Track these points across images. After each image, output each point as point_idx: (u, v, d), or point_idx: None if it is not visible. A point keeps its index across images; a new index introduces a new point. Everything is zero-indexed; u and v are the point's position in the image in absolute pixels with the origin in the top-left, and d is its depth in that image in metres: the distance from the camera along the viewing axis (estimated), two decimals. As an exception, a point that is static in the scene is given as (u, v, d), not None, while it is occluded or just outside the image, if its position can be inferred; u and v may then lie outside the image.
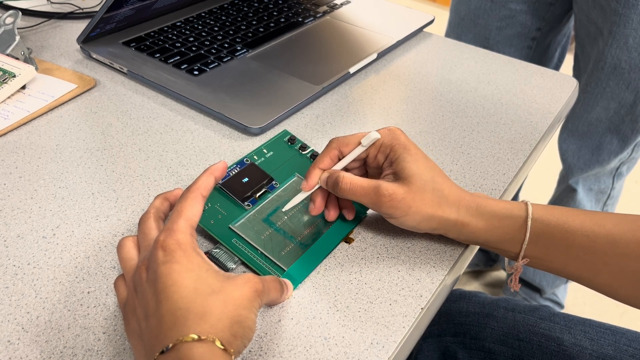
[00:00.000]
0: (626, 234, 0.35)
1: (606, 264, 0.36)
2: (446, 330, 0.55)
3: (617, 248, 0.35)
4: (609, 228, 0.36)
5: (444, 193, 0.38)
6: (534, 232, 0.37)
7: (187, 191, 0.34)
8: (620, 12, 0.76)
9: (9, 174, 0.45)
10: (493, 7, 0.92)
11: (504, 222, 0.38)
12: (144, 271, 0.31)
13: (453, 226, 0.38)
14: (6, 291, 0.36)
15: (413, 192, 0.37)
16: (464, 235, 0.39)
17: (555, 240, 0.37)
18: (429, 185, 0.38)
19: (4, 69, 0.54)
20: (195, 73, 0.58)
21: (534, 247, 0.37)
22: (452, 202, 0.38)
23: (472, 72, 0.64)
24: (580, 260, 0.37)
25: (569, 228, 0.36)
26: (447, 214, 0.38)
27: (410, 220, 0.38)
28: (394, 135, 0.40)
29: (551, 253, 0.37)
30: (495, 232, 0.38)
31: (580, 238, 0.36)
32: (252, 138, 0.51)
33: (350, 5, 0.76)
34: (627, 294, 0.37)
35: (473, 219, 0.38)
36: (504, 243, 0.38)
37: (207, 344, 0.27)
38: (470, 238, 0.39)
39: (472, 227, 0.38)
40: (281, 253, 0.38)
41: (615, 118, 0.88)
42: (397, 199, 0.37)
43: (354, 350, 0.33)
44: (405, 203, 0.37)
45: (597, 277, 0.37)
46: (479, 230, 0.38)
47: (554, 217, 0.37)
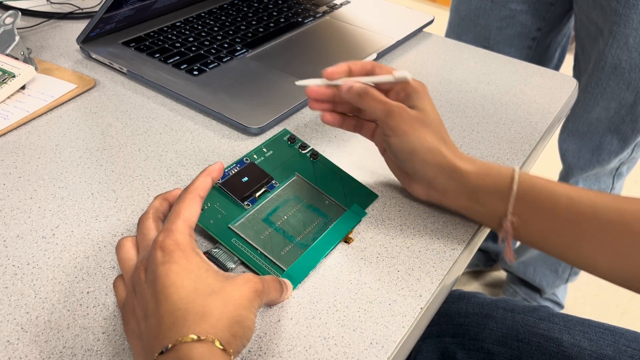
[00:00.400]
0: (608, 203, 0.36)
1: (588, 228, 0.37)
2: (445, 331, 0.55)
3: (598, 214, 0.36)
4: (591, 196, 0.37)
5: (445, 138, 0.40)
6: (521, 187, 0.38)
7: (185, 192, 0.34)
8: (620, 12, 0.76)
9: (9, 174, 0.45)
10: (493, 7, 0.92)
11: (493, 171, 0.39)
12: (142, 271, 0.31)
13: (447, 164, 0.39)
14: (5, 291, 0.36)
15: (421, 120, 0.39)
16: (454, 181, 0.40)
17: (540, 198, 0.38)
18: (435, 126, 0.40)
19: (4, 69, 0.54)
20: (194, 73, 0.58)
21: (521, 202, 0.38)
22: (450, 147, 0.40)
23: (472, 72, 0.64)
24: (563, 222, 0.37)
25: (554, 190, 0.38)
26: (442, 150, 0.39)
27: (410, 141, 0.39)
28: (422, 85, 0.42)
29: (537, 212, 0.38)
30: (484, 180, 0.39)
31: (565, 200, 0.37)
32: (251, 138, 0.51)
33: (350, 6, 0.76)
34: (606, 266, 0.37)
35: (464, 163, 0.40)
36: (492, 195, 0.39)
37: (206, 344, 0.27)
38: (460, 185, 0.40)
39: (463, 171, 0.39)
40: (281, 253, 0.38)
41: (615, 118, 0.88)
42: (407, 114, 0.39)
43: (354, 350, 0.33)
44: (412, 123, 0.39)
45: (579, 245, 0.37)
46: (469, 173, 0.39)
47: (539, 180, 0.39)
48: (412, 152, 0.39)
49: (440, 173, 0.39)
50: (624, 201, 0.36)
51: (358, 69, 0.42)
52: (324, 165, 0.46)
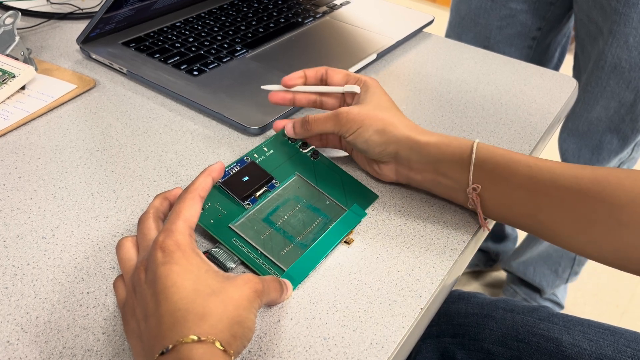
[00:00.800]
0: (565, 171, 0.37)
1: (547, 195, 0.37)
2: (445, 331, 0.55)
3: (556, 182, 0.37)
4: (549, 165, 0.38)
5: (399, 117, 0.43)
6: (479, 156, 0.39)
7: (185, 192, 0.34)
8: (620, 11, 0.76)
9: (9, 174, 0.45)
10: (494, 7, 0.92)
11: (453, 142, 0.41)
12: (143, 272, 0.31)
13: (405, 142, 0.41)
14: (5, 291, 0.36)
15: (367, 110, 0.42)
16: (416, 154, 0.41)
17: (499, 166, 0.39)
18: (384, 109, 0.43)
19: (4, 69, 0.54)
20: (194, 73, 0.58)
21: (481, 172, 0.39)
22: (405, 123, 0.43)
23: (472, 72, 0.64)
24: (523, 189, 0.38)
25: (512, 157, 0.39)
26: (398, 129, 0.42)
27: (363, 132, 0.42)
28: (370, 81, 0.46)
29: (496, 181, 0.39)
30: (445, 151, 0.40)
31: (523, 167, 0.38)
32: (251, 138, 0.51)
33: (350, 6, 0.76)
34: (568, 235, 0.37)
35: (424, 136, 0.42)
36: (453, 165, 0.40)
37: (207, 345, 0.27)
38: (421, 156, 0.41)
39: (423, 142, 0.41)
40: (281, 253, 0.38)
41: (615, 117, 0.88)
42: (352, 113, 0.42)
43: (354, 351, 0.33)
44: (359, 117, 0.42)
45: (539, 213, 0.38)
46: (428, 145, 0.41)
47: (499, 149, 0.40)
48: (367, 139, 0.42)
49: (400, 147, 0.42)
50: (581, 169, 0.37)
51: (312, 76, 0.47)
52: (325, 165, 0.46)
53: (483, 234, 0.44)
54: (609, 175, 0.36)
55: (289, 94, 0.48)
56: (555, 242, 0.39)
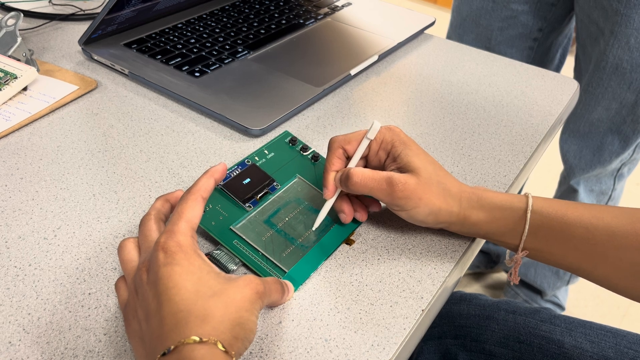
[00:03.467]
0: (624, 227, 0.36)
1: (604, 255, 0.36)
2: (447, 332, 0.55)
3: (615, 240, 0.36)
4: (607, 220, 0.36)
5: (447, 186, 0.39)
6: (533, 223, 0.38)
7: (187, 193, 0.34)
8: (621, 12, 0.76)
9: (11, 175, 0.45)
10: (495, 8, 0.92)
11: (504, 213, 0.38)
12: (144, 273, 0.31)
13: (456, 218, 0.39)
14: (7, 292, 0.36)
15: (422, 183, 0.38)
16: (466, 228, 0.39)
17: (554, 232, 0.37)
18: (434, 178, 0.38)
19: (6, 70, 0.54)
20: (196, 75, 0.58)
21: (534, 238, 0.38)
22: (454, 195, 0.39)
23: (473, 74, 0.64)
24: (579, 251, 0.37)
25: (568, 220, 0.37)
26: (451, 206, 0.38)
27: (420, 212, 0.38)
28: (394, 132, 0.40)
29: (550, 245, 0.38)
30: (495, 224, 0.39)
31: (579, 230, 0.37)
32: (253, 140, 0.51)
33: (351, 7, 0.76)
34: (625, 286, 0.37)
35: (474, 211, 0.39)
36: (504, 235, 0.39)
37: (208, 346, 0.27)
38: (472, 230, 0.40)
39: (474, 219, 0.39)
40: (282, 254, 0.38)
41: (616, 118, 0.87)
42: (409, 188, 0.37)
43: (355, 352, 0.33)
44: (416, 194, 0.37)
45: (596, 269, 0.37)
46: (480, 222, 0.39)
47: (553, 209, 0.38)
48: (423, 220, 0.39)
49: (453, 224, 0.39)
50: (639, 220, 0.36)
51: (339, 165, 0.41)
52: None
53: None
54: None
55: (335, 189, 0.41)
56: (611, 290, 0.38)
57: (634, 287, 0.37)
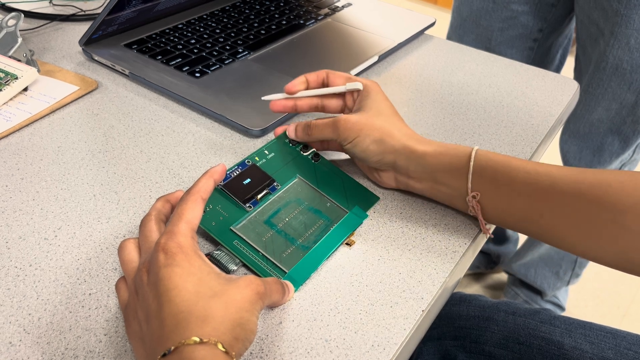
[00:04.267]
0: (565, 175, 0.37)
1: (548, 200, 0.37)
2: (446, 333, 0.55)
3: (556, 186, 0.37)
4: (549, 169, 0.38)
5: (397, 126, 0.43)
6: (478, 163, 0.39)
7: (187, 194, 0.34)
8: (622, 13, 0.76)
9: (11, 175, 0.45)
10: (495, 8, 0.92)
11: (451, 151, 0.41)
12: (145, 274, 0.31)
13: (402, 151, 0.41)
14: (8, 292, 0.36)
15: (365, 118, 0.42)
16: (414, 163, 0.41)
17: (498, 173, 0.39)
18: (384, 116, 0.43)
19: (6, 70, 0.54)
20: (196, 75, 0.58)
21: (480, 179, 0.39)
22: (403, 132, 0.42)
23: (474, 74, 0.65)
24: (523, 196, 0.38)
25: (511, 164, 0.39)
26: (396, 139, 0.42)
27: (361, 141, 0.42)
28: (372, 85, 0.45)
29: (496, 187, 0.39)
30: (442, 159, 0.40)
31: (522, 174, 0.38)
32: (253, 140, 0.51)
33: (352, 8, 0.76)
34: (570, 239, 0.37)
35: (421, 145, 0.41)
36: (451, 173, 0.40)
37: (209, 347, 0.27)
38: (419, 166, 0.41)
39: (420, 152, 0.41)
40: (282, 255, 0.39)
41: (616, 119, 0.87)
42: (351, 121, 0.42)
43: (355, 353, 0.33)
44: (357, 126, 0.42)
45: (541, 218, 0.38)
46: (426, 154, 0.41)
47: (497, 156, 0.40)
48: (365, 149, 0.42)
49: (398, 157, 0.41)
50: (581, 172, 0.37)
51: (313, 80, 0.47)
52: (326, 167, 0.46)
53: (484, 236, 0.44)
54: (610, 179, 0.35)
55: (291, 101, 0.47)
56: (558, 246, 0.39)
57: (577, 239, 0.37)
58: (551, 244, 0.39)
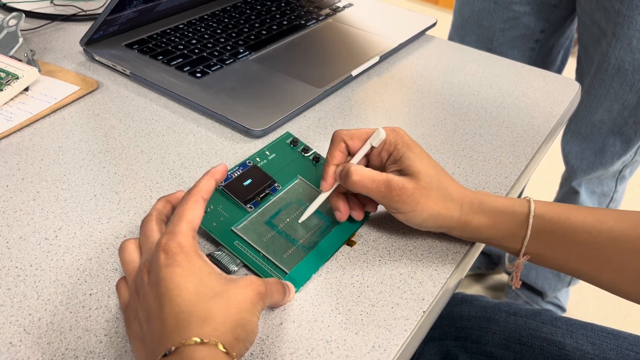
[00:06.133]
0: (628, 230, 0.36)
1: (608, 260, 0.36)
2: (448, 334, 0.54)
3: (618, 244, 0.35)
4: (610, 224, 0.36)
5: (448, 191, 0.38)
6: (535, 228, 0.37)
7: (188, 194, 0.34)
8: (624, 14, 0.76)
9: (12, 175, 0.45)
10: (497, 9, 0.92)
11: (505, 218, 0.38)
12: (145, 274, 0.31)
13: (457, 223, 0.38)
14: (8, 293, 0.36)
15: (421, 188, 0.37)
16: (467, 233, 0.39)
17: (556, 236, 0.37)
18: (435, 183, 0.38)
19: (7, 70, 0.54)
20: (197, 75, 0.58)
21: (536, 243, 0.37)
22: (455, 200, 0.38)
23: (475, 75, 0.64)
24: (582, 256, 0.37)
25: (571, 224, 0.36)
26: (451, 211, 0.38)
27: (417, 216, 0.38)
28: (397, 134, 0.40)
29: (553, 249, 0.37)
30: (497, 229, 0.38)
31: (582, 234, 0.36)
32: (254, 140, 0.51)
33: (353, 8, 0.76)
34: (629, 290, 0.37)
35: (476, 216, 0.38)
36: (506, 239, 0.38)
37: (209, 347, 0.27)
38: (473, 235, 0.39)
39: (475, 224, 0.38)
40: (283, 256, 0.38)
41: (618, 120, 0.87)
42: (406, 193, 0.37)
43: (356, 354, 0.33)
44: (414, 198, 0.37)
45: (600, 273, 0.37)
46: (481, 227, 0.38)
47: (555, 213, 0.37)
48: (421, 223, 0.39)
49: (453, 229, 0.39)
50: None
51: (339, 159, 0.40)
52: (327, 167, 0.46)
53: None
54: None
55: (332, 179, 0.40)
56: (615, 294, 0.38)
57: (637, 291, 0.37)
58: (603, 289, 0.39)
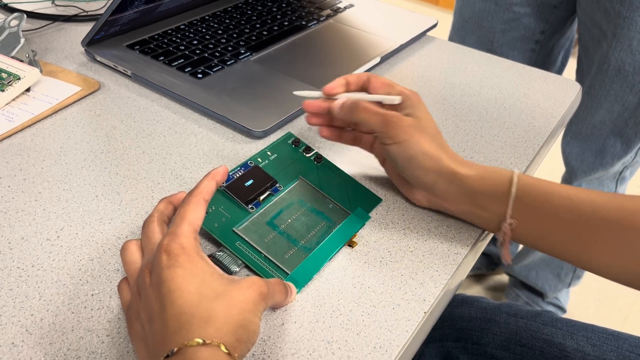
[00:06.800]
0: (607, 202, 0.37)
1: (588, 228, 0.37)
2: (448, 335, 0.55)
3: (598, 212, 0.36)
4: (590, 195, 0.37)
5: (442, 144, 0.41)
6: (520, 189, 0.38)
7: (190, 195, 0.34)
8: (624, 15, 0.76)
9: (13, 176, 0.45)
10: (497, 10, 0.92)
11: (492, 175, 0.40)
12: (147, 275, 0.31)
13: (446, 170, 0.40)
14: (10, 293, 0.36)
15: (417, 126, 0.40)
16: (454, 185, 0.40)
17: (540, 200, 0.38)
18: (432, 132, 0.41)
19: (9, 71, 0.54)
20: (199, 76, 0.58)
21: (520, 205, 0.38)
22: (448, 153, 0.41)
23: (476, 76, 0.64)
24: (564, 223, 0.37)
25: (553, 190, 0.38)
26: (440, 155, 0.40)
27: (409, 148, 0.40)
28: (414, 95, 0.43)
29: (536, 214, 0.38)
30: (483, 183, 0.39)
31: (564, 200, 0.37)
32: (255, 141, 0.51)
33: (354, 9, 0.76)
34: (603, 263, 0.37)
35: (464, 168, 0.40)
36: (491, 198, 0.39)
37: (211, 348, 0.27)
38: (460, 189, 0.40)
39: (463, 174, 0.40)
40: (284, 256, 0.39)
41: (619, 121, 0.87)
42: (404, 122, 0.40)
43: (357, 354, 0.33)
44: (409, 130, 0.40)
45: (579, 245, 0.37)
46: (469, 178, 0.40)
47: (539, 181, 0.39)
48: (411, 157, 0.40)
49: (440, 178, 0.40)
50: (623, 199, 0.36)
51: (354, 82, 0.44)
52: (328, 168, 0.46)
53: (487, 238, 0.44)
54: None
55: (326, 103, 0.43)
56: (589, 270, 0.38)
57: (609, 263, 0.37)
58: (583, 268, 0.39)
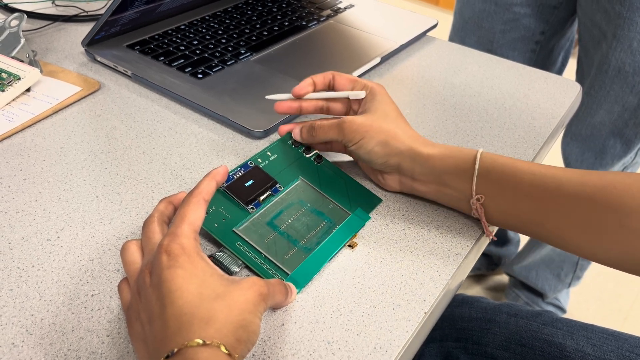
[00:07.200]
0: (570, 177, 0.37)
1: (554, 203, 0.37)
2: (448, 335, 0.55)
3: (562, 188, 0.37)
4: (554, 171, 0.38)
5: (403, 128, 0.43)
6: (483, 166, 0.39)
7: (190, 196, 0.34)
8: (624, 16, 0.76)
9: (14, 176, 0.45)
10: (497, 11, 0.92)
11: (457, 153, 0.41)
12: (147, 275, 0.31)
13: (408, 154, 0.41)
14: (10, 293, 0.36)
15: (371, 120, 0.42)
16: (419, 166, 0.41)
17: (504, 175, 0.39)
18: (389, 119, 0.43)
19: (9, 71, 0.54)
20: (199, 76, 0.58)
21: (485, 181, 0.39)
22: (408, 135, 0.42)
23: (476, 76, 0.65)
24: (529, 198, 0.38)
25: (517, 166, 0.39)
26: (401, 141, 0.42)
27: (367, 143, 0.42)
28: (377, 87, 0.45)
29: (501, 190, 0.39)
30: (447, 162, 0.41)
31: (528, 176, 0.38)
32: (255, 141, 0.51)
33: (354, 10, 0.76)
34: (575, 241, 0.37)
35: (426, 148, 0.41)
36: (456, 176, 0.40)
37: (212, 349, 0.27)
38: (424, 168, 0.41)
39: (426, 155, 0.41)
40: (285, 257, 0.39)
41: (618, 122, 0.87)
42: (356, 123, 0.42)
43: (357, 355, 0.33)
44: (363, 127, 0.42)
45: (545, 220, 0.38)
46: (430, 157, 0.41)
47: (502, 158, 0.40)
48: (370, 151, 0.42)
49: (403, 159, 0.42)
50: (587, 174, 0.37)
51: (320, 82, 0.47)
52: (328, 169, 0.46)
53: (487, 238, 0.44)
54: (615, 181, 0.35)
55: (296, 103, 0.47)
56: (562, 248, 0.39)
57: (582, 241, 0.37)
58: (555, 246, 0.39)
